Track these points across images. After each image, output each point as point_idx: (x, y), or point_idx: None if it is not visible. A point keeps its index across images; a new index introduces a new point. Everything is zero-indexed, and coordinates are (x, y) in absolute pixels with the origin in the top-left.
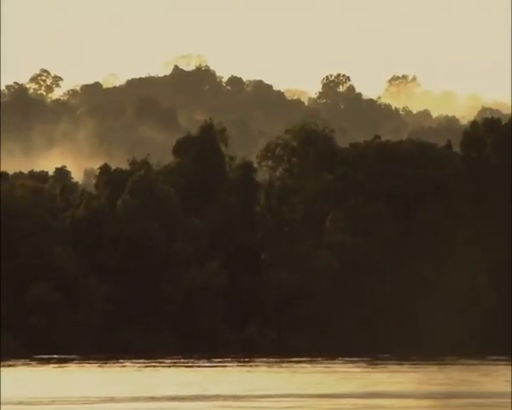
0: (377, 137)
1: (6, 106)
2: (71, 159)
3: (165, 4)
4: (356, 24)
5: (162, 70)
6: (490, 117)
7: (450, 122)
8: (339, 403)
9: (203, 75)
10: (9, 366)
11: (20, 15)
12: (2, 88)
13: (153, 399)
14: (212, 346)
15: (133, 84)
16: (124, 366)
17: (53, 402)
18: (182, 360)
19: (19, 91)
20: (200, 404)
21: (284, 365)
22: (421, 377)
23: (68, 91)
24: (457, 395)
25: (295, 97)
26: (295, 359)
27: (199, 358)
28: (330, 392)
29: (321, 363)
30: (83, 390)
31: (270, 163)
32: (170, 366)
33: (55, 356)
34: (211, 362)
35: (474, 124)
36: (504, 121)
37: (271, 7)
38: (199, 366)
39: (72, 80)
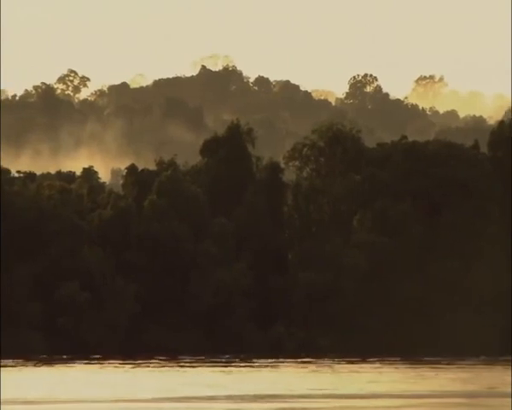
0: (404, 137)
1: (33, 106)
2: (98, 159)
3: (193, 4)
4: (383, 24)
5: (189, 70)
6: None
7: (478, 122)
8: (368, 404)
9: (230, 75)
10: (35, 365)
11: (48, 16)
12: (30, 88)
13: (180, 399)
14: (240, 346)
15: (160, 84)
16: (151, 366)
17: (82, 401)
18: (209, 360)
19: (46, 92)
20: (231, 405)
21: (312, 365)
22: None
23: (96, 92)
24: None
25: (322, 98)
26: (323, 359)
27: (226, 358)
28: (359, 392)
29: (349, 363)
30: (109, 390)
31: (297, 163)
32: (197, 367)
33: (82, 355)
34: (238, 362)
35: (501, 124)
36: None
37: (299, 7)
38: (226, 366)
39: (100, 81)
